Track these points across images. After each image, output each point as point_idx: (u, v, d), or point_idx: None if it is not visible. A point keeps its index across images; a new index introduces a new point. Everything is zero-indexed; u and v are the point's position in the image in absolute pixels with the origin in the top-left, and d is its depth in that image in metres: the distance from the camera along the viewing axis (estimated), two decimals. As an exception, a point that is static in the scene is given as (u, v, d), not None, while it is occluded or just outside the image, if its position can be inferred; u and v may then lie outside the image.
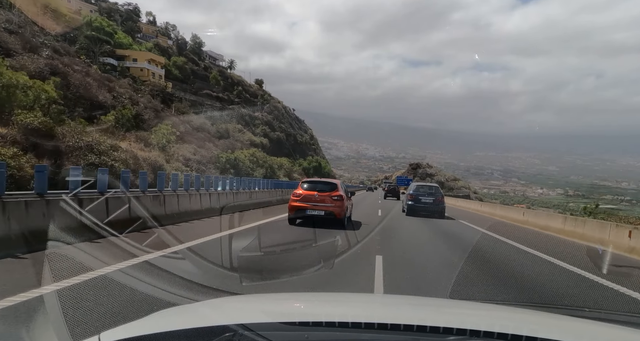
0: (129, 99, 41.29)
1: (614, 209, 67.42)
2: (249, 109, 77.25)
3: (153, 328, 1.46)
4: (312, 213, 12.17)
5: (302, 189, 12.69)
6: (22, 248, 6.44)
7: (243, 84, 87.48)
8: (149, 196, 11.13)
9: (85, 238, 7.49)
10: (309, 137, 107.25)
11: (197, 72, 74.25)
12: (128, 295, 4.68)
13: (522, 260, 8.78)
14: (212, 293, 4.76)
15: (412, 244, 10.47)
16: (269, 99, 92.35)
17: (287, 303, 2.30)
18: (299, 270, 5.79)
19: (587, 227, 13.08)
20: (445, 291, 5.49)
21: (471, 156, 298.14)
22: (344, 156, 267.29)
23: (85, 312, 4.09)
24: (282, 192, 25.81)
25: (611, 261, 8.82)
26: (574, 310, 5.05)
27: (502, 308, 2.95)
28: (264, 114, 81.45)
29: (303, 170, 69.06)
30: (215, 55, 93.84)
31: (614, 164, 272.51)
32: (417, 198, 18.82)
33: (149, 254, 6.57)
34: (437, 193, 19.28)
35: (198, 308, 2.06)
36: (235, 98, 77.87)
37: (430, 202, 18.70)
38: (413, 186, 20.29)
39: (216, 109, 66.56)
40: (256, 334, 1.33)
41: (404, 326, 1.46)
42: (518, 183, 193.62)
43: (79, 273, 5.15)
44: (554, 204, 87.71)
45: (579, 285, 6.61)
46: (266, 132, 74.73)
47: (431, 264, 7.58)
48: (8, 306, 4.11)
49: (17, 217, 6.82)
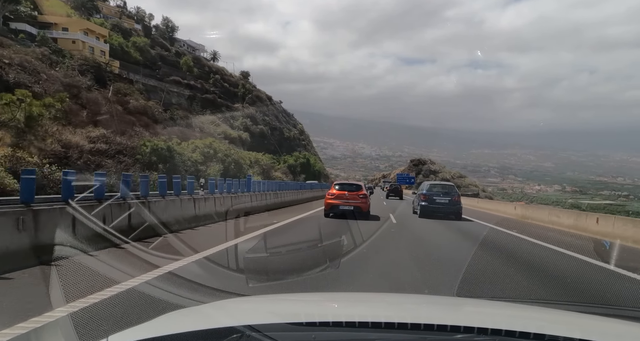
0: (32, 73, 31.62)
1: (613, 205, 67.53)
2: (228, 100, 69.06)
3: (161, 331, 1.47)
4: (344, 208, 15.43)
5: (335, 190, 16.03)
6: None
7: (222, 73, 77.96)
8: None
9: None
10: (298, 133, 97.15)
11: (166, 58, 65.49)
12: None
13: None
14: (219, 295, 4.76)
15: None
16: (252, 90, 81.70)
17: (294, 303, 2.30)
18: (306, 270, 5.77)
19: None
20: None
21: (467, 153, 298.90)
22: (340, 155, 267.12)
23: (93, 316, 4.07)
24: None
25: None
26: (584, 306, 5.04)
27: (509, 305, 2.96)
28: (246, 106, 72.63)
29: (288, 168, 60.67)
30: (194, 44, 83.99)
31: (608, 159, 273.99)
32: (431, 198, 17.68)
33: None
34: (453, 192, 18.11)
35: (205, 309, 2.07)
36: (211, 87, 68.72)
37: (445, 202, 17.53)
38: (426, 185, 19.19)
39: (183, 98, 59.34)
40: (263, 335, 1.33)
41: (411, 325, 1.46)
42: (515, 180, 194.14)
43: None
44: (553, 201, 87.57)
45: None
46: (247, 126, 66.35)
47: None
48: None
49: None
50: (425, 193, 18.10)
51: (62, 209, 7.20)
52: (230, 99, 70.70)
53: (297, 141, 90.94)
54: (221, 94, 69.45)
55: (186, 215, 11.57)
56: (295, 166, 64.01)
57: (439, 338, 1.39)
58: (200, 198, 12.94)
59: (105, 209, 8.25)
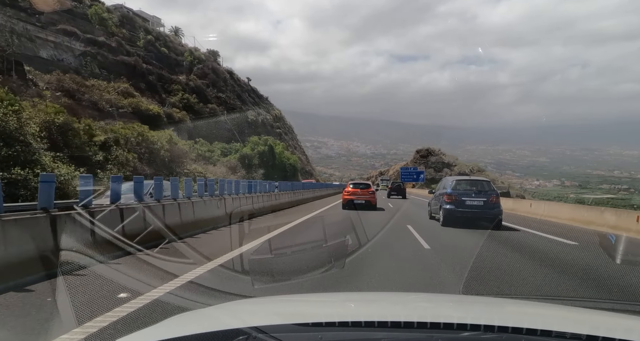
0: None
1: (616, 198, 67.22)
2: (166, 70, 52.71)
3: (167, 334, 1.47)
4: (357, 201, 20.09)
5: (350, 188, 21.10)
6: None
7: (163, 37, 59.99)
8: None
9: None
10: (272, 119, 79.40)
11: (74, 10, 46.12)
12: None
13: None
14: (224, 297, 4.74)
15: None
16: (204, 61, 63.04)
17: (300, 304, 2.30)
18: (311, 271, 5.75)
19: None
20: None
21: (462, 150, 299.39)
22: (334, 154, 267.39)
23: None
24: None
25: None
26: (592, 301, 5.03)
27: (515, 302, 2.99)
28: (193, 79, 56.03)
29: (242, 159, 45.35)
30: (147, 16, 64.19)
31: (602, 153, 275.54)
32: (459, 200, 13.64)
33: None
34: (489, 191, 14.00)
35: (211, 312, 2.07)
36: (140, 52, 51.09)
37: (479, 204, 13.57)
38: (450, 182, 14.70)
39: (72, 54, 40.82)
40: (270, 336, 1.34)
41: (417, 324, 1.46)
42: (513, 175, 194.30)
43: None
44: (555, 196, 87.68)
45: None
46: (190, 104, 50.84)
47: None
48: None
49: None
50: (450, 192, 13.99)
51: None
52: (171, 70, 54.93)
53: (268, 127, 72.09)
54: (152, 61, 51.88)
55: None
56: (251, 156, 47.68)
57: (445, 336, 1.39)
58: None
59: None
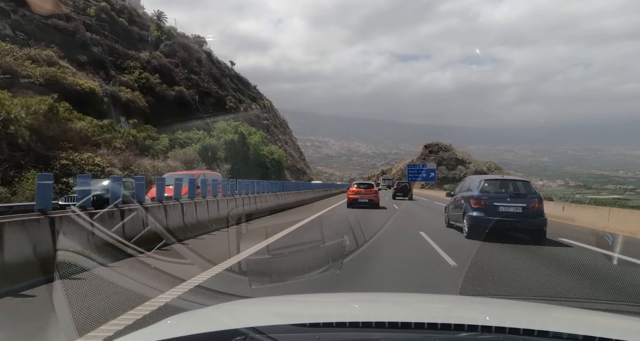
0: None
1: (622, 199, 66.07)
2: (115, 42, 42.33)
3: (164, 334, 1.47)
4: (362, 200, 21.44)
5: (354, 188, 22.38)
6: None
7: (129, 10, 50.05)
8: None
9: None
10: (261, 109, 69.51)
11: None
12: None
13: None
14: (222, 298, 4.74)
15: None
16: (174, 35, 53.06)
17: (298, 304, 2.30)
18: (308, 271, 5.75)
19: None
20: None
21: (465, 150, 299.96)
22: (335, 154, 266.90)
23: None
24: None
25: None
26: (591, 302, 5.02)
27: (513, 303, 2.99)
28: (158, 56, 46.62)
29: (204, 151, 36.72)
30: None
31: (605, 153, 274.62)
32: (490, 205, 10.49)
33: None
34: (529, 194, 10.84)
35: (208, 312, 2.06)
36: (90, 19, 41.19)
37: (518, 212, 10.33)
38: (477, 182, 11.41)
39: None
40: (267, 337, 1.34)
41: (415, 324, 1.46)
42: (517, 176, 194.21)
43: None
44: (560, 196, 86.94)
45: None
46: (150, 84, 41.40)
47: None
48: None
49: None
50: (477, 196, 10.83)
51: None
52: (132, 45, 45.11)
53: (253, 118, 62.00)
54: (103, 32, 42.12)
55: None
56: (215, 147, 38.31)
57: (443, 337, 1.39)
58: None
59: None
